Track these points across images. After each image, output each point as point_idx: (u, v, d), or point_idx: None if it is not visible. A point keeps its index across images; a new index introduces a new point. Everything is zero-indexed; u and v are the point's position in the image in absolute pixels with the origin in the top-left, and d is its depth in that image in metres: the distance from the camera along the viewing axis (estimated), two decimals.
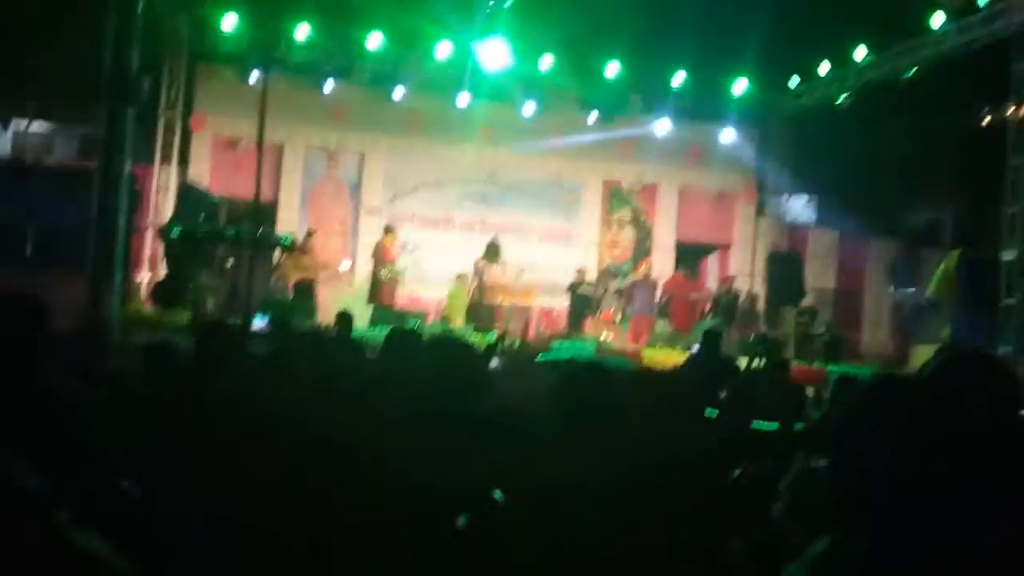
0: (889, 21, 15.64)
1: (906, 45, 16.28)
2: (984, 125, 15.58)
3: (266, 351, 6.76)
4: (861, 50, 17.12)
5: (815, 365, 15.48)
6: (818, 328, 17.36)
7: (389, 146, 19.37)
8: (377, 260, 17.08)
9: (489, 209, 19.84)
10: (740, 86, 18.97)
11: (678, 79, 18.77)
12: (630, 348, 15.97)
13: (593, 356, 12.47)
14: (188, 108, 18.33)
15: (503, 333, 14.27)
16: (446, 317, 17.03)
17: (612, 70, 18.31)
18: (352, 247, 19.07)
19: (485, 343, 11.81)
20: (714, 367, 9.74)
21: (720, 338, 11.19)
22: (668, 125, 19.36)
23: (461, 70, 17.97)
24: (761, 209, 20.71)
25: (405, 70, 18.20)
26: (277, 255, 16.33)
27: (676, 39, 16.54)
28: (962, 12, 14.54)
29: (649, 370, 5.98)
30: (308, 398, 4.48)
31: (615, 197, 20.57)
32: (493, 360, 8.79)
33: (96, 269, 12.10)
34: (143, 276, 17.26)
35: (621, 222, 20.64)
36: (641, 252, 20.40)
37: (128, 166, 13.02)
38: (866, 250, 20.27)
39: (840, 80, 18.00)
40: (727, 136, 20.00)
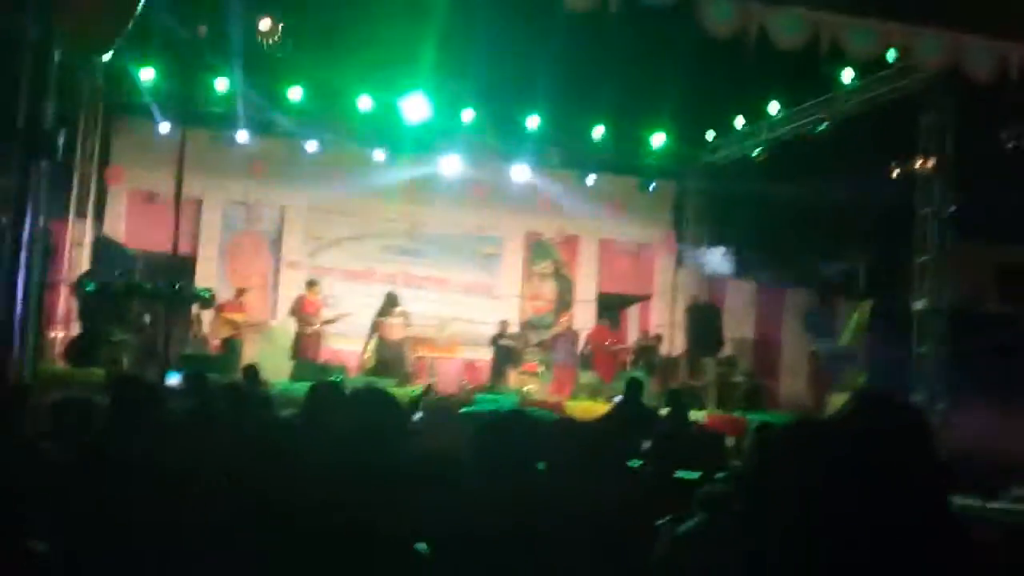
0: (801, 78, 16.07)
1: (817, 101, 16.74)
2: (893, 177, 16.01)
3: (183, 406, 6.65)
4: (774, 105, 17.58)
5: (735, 414, 15.64)
6: (738, 377, 17.57)
7: (309, 199, 19.29)
8: (299, 314, 16.94)
9: (411, 262, 19.85)
10: (658, 140, 19.31)
11: (597, 133, 19.05)
12: (553, 400, 15.98)
13: (516, 407, 12.47)
14: (104, 161, 18.07)
15: (428, 386, 14.20)
16: (368, 370, 16.90)
17: (532, 124, 18.51)
18: (272, 301, 18.89)
19: (408, 397, 11.74)
20: (637, 417, 9.80)
21: (642, 388, 11.26)
22: (593, 179, 19.61)
23: (382, 123, 18.02)
24: (680, 261, 21.00)
25: (325, 123, 18.19)
26: (195, 310, 16.11)
27: (595, 94, 16.80)
28: (871, 69, 14.99)
29: (572, 420, 5.99)
30: (227, 452, 4.41)
31: (537, 249, 20.72)
32: (416, 413, 8.74)
33: (7, 326, 11.78)
34: (57, 333, 16.86)
35: (543, 274, 20.76)
36: (563, 304, 20.54)
37: (42, 220, 12.76)
38: (783, 300, 20.62)
39: (755, 134, 18.42)
40: (646, 189, 20.28)
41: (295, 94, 17.51)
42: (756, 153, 18.40)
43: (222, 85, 17.32)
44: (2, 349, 11.32)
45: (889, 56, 13.82)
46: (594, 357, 18.44)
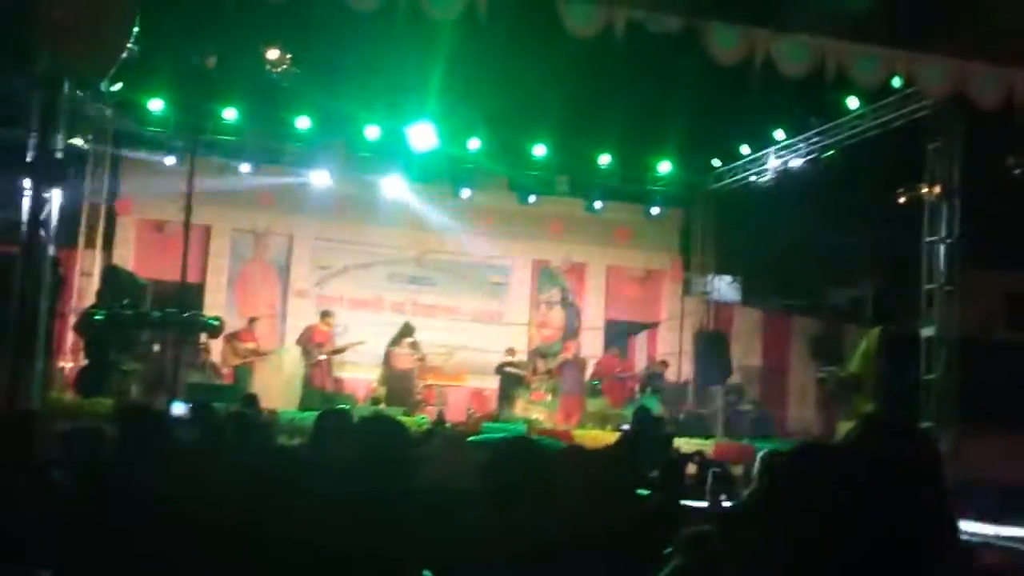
0: (807, 105, 16.13)
1: (823, 128, 16.78)
2: (901, 204, 16.02)
3: (190, 436, 6.65)
4: (780, 133, 17.63)
5: (743, 442, 15.60)
6: (745, 405, 17.52)
7: (317, 228, 19.36)
8: (308, 344, 16.96)
9: (418, 290, 19.89)
10: (665, 167, 19.38)
11: (604, 161, 19.12)
12: (561, 428, 15.96)
13: (524, 436, 12.44)
14: (113, 191, 18.17)
15: (440, 415, 14.20)
16: (376, 399, 16.89)
17: (539, 152, 18.58)
18: (281, 330, 18.91)
19: (416, 425, 11.74)
20: (645, 445, 9.77)
21: (650, 415, 11.24)
22: (600, 206, 19.67)
23: (389, 152, 18.10)
24: (687, 288, 20.98)
25: (333, 152, 18.27)
26: (204, 338, 16.13)
27: (601, 122, 16.87)
28: (877, 95, 15.03)
29: (580, 448, 5.98)
30: (233, 481, 4.41)
31: (544, 276, 20.73)
32: (429, 442, 8.74)
33: (17, 355, 11.81)
34: (66, 363, 16.88)
35: (550, 302, 20.76)
36: (570, 332, 20.52)
37: (51, 250, 12.83)
38: (790, 327, 20.60)
39: (760, 162, 18.45)
40: (652, 216, 20.31)
41: (303, 123, 17.61)
42: (763, 180, 18.42)
43: (231, 115, 17.44)
44: (12, 377, 11.36)
45: (895, 83, 13.86)
46: (603, 385, 18.43)
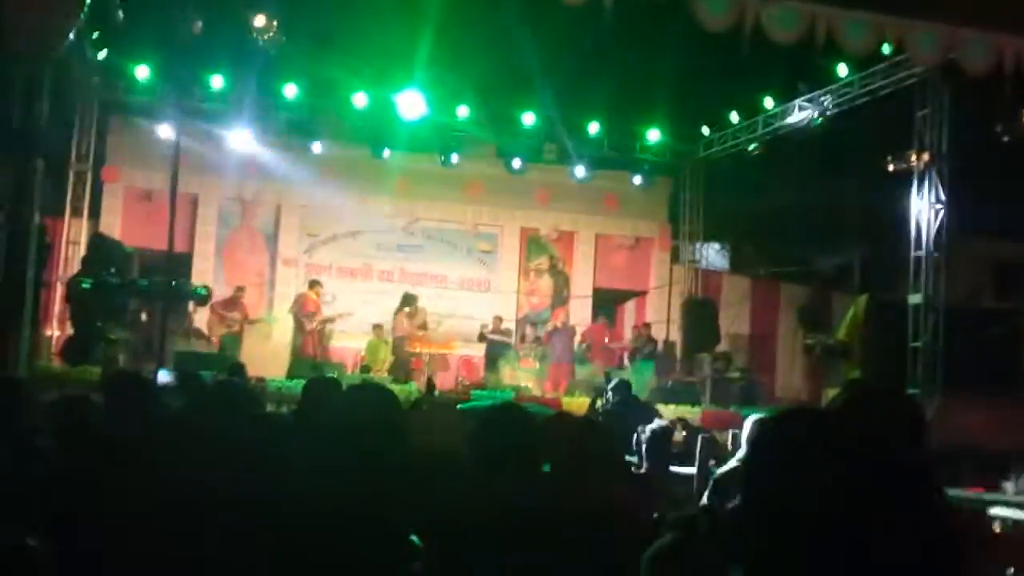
0: (796, 72, 16.07)
1: (813, 95, 16.74)
2: (889, 171, 16.01)
3: (177, 404, 6.64)
4: (769, 100, 17.59)
5: (731, 409, 15.66)
6: (733, 373, 17.57)
7: (305, 196, 19.29)
8: (299, 313, 16.96)
9: (407, 258, 19.87)
10: (654, 135, 19.33)
11: (593, 129, 19.07)
12: (549, 396, 16.01)
13: (511, 403, 12.46)
14: (99, 159, 18.07)
15: (429, 384, 14.20)
16: (365, 367, 16.90)
17: (527, 120, 18.52)
18: (268, 298, 18.90)
19: (406, 395, 11.73)
20: (631, 414, 9.77)
21: (629, 388, 11.15)
22: (588, 174, 19.62)
23: (378, 120, 18.02)
24: (676, 256, 20.99)
25: (321, 120, 18.18)
26: (191, 307, 16.10)
27: (590, 89, 16.81)
28: (866, 62, 14.99)
29: (568, 415, 6.00)
30: (221, 448, 4.41)
31: (533, 245, 20.72)
32: (419, 409, 8.75)
33: (3, 323, 11.77)
34: (53, 331, 16.85)
35: (539, 270, 20.77)
36: (559, 300, 20.54)
37: (37, 218, 12.75)
38: (778, 295, 20.65)
39: (750, 129, 18.42)
40: (641, 184, 20.26)
41: (290, 91, 17.51)
42: (752, 148, 18.39)
43: (217, 82, 17.32)
44: (5, 342, 11.32)
45: (884, 49, 13.82)
46: (591, 353, 18.48)
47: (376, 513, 2.67)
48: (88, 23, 15.17)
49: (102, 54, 16.39)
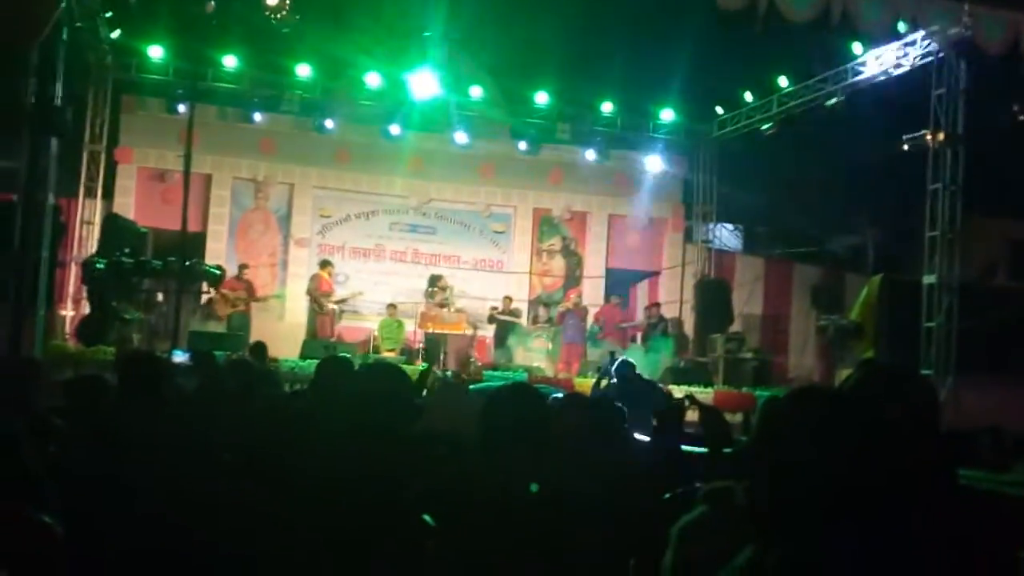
0: (811, 51, 15.98)
1: (828, 74, 16.66)
2: (904, 151, 15.92)
3: (192, 383, 6.67)
4: (784, 79, 17.51)
5: (744, 390, 15.66)
6: (746, 353, 17.54)
7: (318, 177, 19.31)
8: (315, 293, 17.02)
9: (419, 239, 19.87)
10: (667, 116, 19.28)
11: (606, 109, 19.02)
12: (561, 376, 16.02)
13: (523, 382, 12.43)
14: (113, 140, 18.10)
15: (442, 364, 14.20)
16: (377, 347, 16.94)
17: (541, 100, 18.49)
18: (282, 278, 18.94)
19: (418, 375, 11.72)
20: (635, 393, 9.72)
21: (632, 367, 11.07)
22: (602, 155, 19.58)
23: (391, 100, 18.00)
24: (689, 236, 20.94)
25: (334, 101, 18.17)
26: (205, 287, 16.14)
27: (604, 70, 16.75)
28: (881, 41, 14.89)
29: (580, 395, 6.01)
30: (236, 427, 4.43)
31: (545, 225, 20.69)
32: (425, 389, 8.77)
33: (18, 303, 11.83)
34: (67, 311, 16.92)
35: (552, 251, 20.75)
36: (572, 280, 20.53)
37: (51, 199, 12.80)
38: (791, 276, 20.59)
39: (764, 109, 18.34)
40: (654, 164, 20.20)
41: (303, 71, 17.50)
42: (766, 128, 18.31)
43: (230, 62, 17.32)
44: (16, 323, 11.37)
45: (900, 27, 13.72)
46: (604, 333, 18.46)
47: (388, 492, 2.68)
48: (101, 3, 15.21)
49: (115, 34, 16.41)
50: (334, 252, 18.87)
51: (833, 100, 16.61)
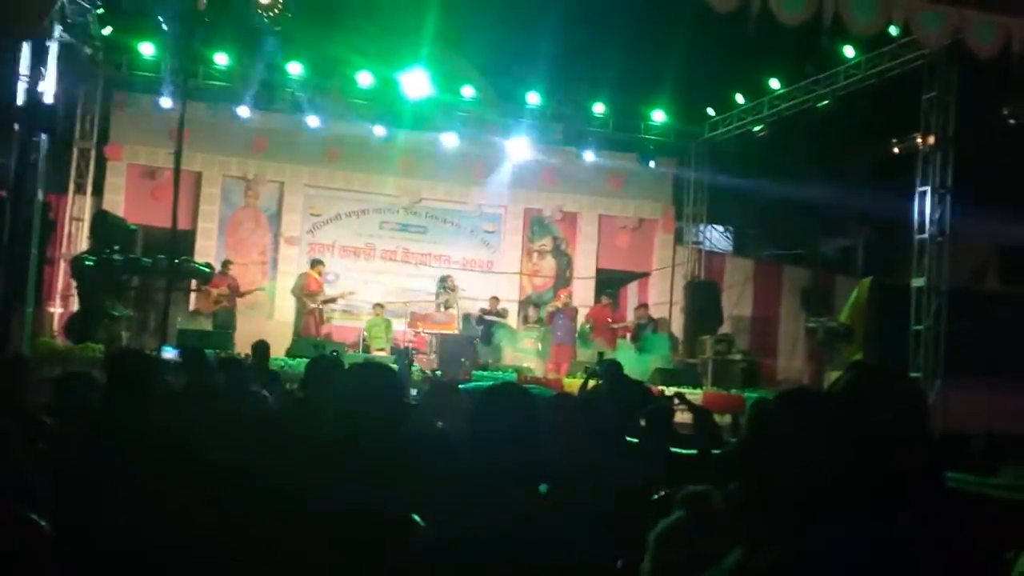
0: (802, 54, 16.02)
1: (819, 77, 16.69)
2: (895, 154, 15.98)
3: (181, 380, 6.66)
4: (775, 82, 17.55)
5: (733, 391, 15.68)
6: (735, 355, 17.56)
7: (309, 175, 19.28)
8: (304, 292, 16.99)
9: (410, 238, 19.85)
10: (658, 117, 19.31)
11: (598, 110, 19.05)
12: (551, 376, 16.01)
13: (513, 382, 12.42)
14: (103, 137, 18.05)
15: (431, 364, 14.19)
16: (368, 346, 16.92)
17: (533, 99, 18.51)
18: (272, 277, 18.91)
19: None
20: (628, 394, 9.72)
21: (619, 368, 11.06)
22: (593, 156, 19.60)
23: (382, 99, 17.99)
24: (679, 238, 20.96)
25: (325, 99, 18.14)
26: (194, 284, 16.11)
27: (596, 71, 16.77)
28: (873, 44, 14.93)
29: (570, 396, 6.01)
30: (223, 426, 4.42)
31: (536, 225, 20.69)
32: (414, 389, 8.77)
33: (6, 300, 11.79)
34: (56, 308, 16.87)
35: (542, 251, 20.75)
36: (562, 281, 20.53)
37: (41, 195, 12.76)
38: (781, 278, 20.63)
39: (755, 111, 18.38)
40: (646, 165, 20.23)
41: (295, 69, 17.47)
42: (757, 130, 18.36)
43: (221, 60, 17.29)
44: (4, 321, 11.33)
45: (892, 31, 13.76)
46: (594, 334, 18.45)
47: (377, 490, 2.68)
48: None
49: (106, 30, 16.37)
50: (324, 251, 18.83)
51: (824, 103, 16.66)
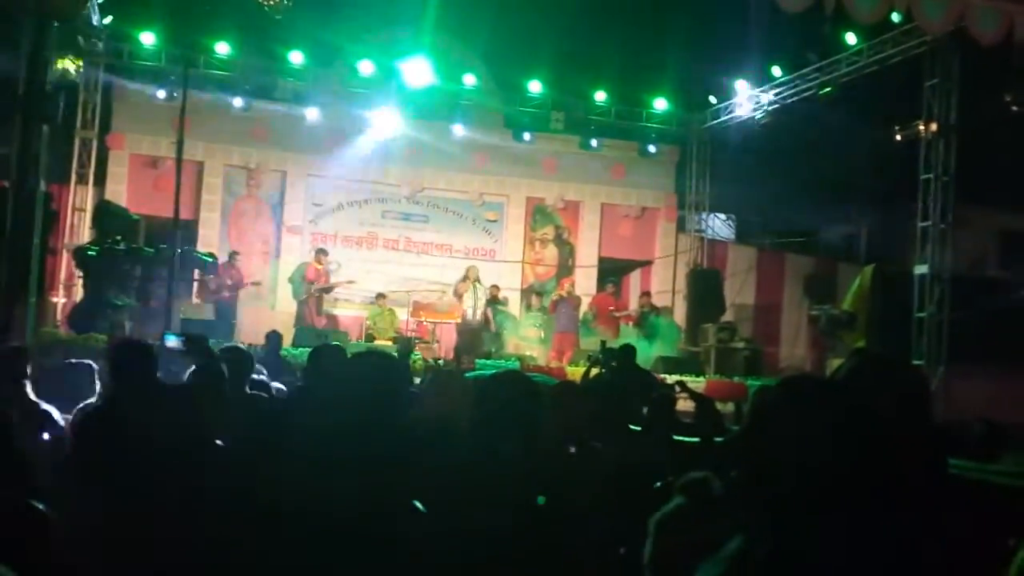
0: (805, 41, 15.99)
1: (821, 64, 16.66)
2: (897, 141, 15.94)
3: (184, 369, 6.66)
4: (777, 70, 17.51)
5: (735, 379, 15.68)
6: (738, 343, 17.56)
7: (311, 164, 19.26)
8: (302, 281, 17.01)
9: (412, 227, 19.85)
10: (660, 105, 19.29)
11: (600, 98, 19.03)
12: (554, 365, 16.02)
13: (515, 370, 12.42)
14: (105, 126, 18.05)
15: (434, 352, 14.21)
16: (370, 336, 16.94)
17: (535, 88, 18.49)
18: (274, 266, 18.91)
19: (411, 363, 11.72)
20: (634, 382, 9.74)
21: (624, 355, 11.06)
22: (595, 144, 19.61)
23: (384, 88, 17.97)
24: (681, 226, 20.95)
25: (327, 88, 18.12)
26: (197, 274, 16.12)
27: (597, 59, 16.74)
28: (875, 31, 14.89)
29: (573, 384, 6.02)
30: (226, 416, 4.43)
31: (539, 214, 20.69)
32: (417, 377, 8.77)
33: (9, 290, 11.78)
34: (59, 298, 16.89)
35: (545, 240, 20.75)
36: (564, 269, 20.53)
37: (43, 185, 12.73)
38: (783, 266, 20.61)
39: (757, 99, 18.34)
40: (648, 154, 20.23)
41: (296, 58, 17.45)
42: (759, 117, 18.33)
43: (223, 48, 17.27)
44: (6, 310, 11.33)
45: (894, 18, 13.72)
46: (597, 322, 18.47)
47: (380, 478, 2.69)
48: None
49: (108, 20, 16.35)
50: (326, 240, 18.84)
51: (826, 90, 16.63)
